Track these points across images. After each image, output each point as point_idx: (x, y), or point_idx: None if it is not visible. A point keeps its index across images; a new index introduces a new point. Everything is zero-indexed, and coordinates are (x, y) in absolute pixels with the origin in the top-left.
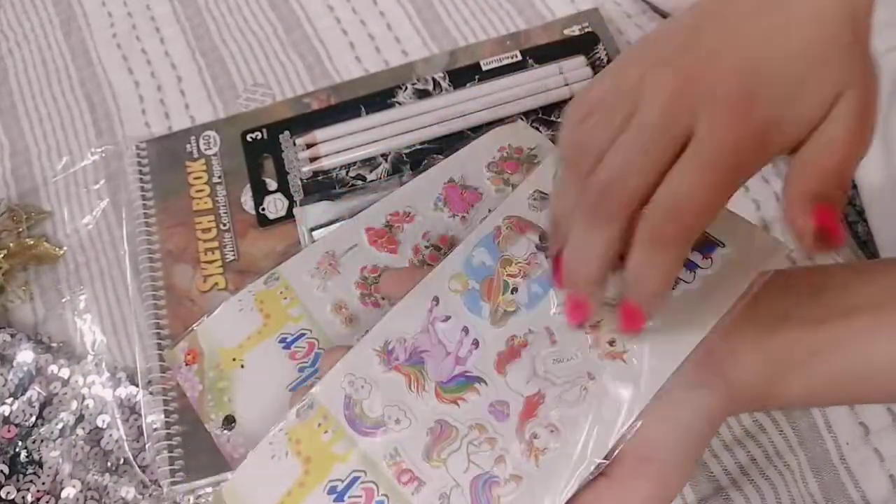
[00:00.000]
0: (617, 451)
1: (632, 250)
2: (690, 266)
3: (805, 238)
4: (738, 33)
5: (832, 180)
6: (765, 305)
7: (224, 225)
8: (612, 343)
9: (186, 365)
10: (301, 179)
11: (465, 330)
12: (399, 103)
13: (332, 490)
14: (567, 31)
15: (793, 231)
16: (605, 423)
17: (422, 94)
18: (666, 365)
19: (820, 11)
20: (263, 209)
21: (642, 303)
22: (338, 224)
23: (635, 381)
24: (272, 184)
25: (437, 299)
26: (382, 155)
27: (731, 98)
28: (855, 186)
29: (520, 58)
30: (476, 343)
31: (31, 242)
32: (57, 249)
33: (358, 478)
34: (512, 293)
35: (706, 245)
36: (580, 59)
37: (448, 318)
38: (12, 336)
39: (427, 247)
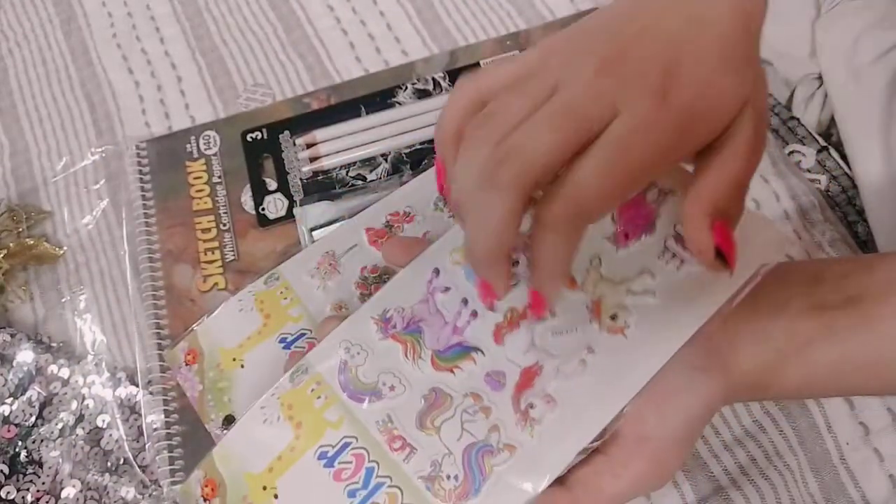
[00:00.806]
0: (613, 429)
1: (535, 228)
2: None
3: (706, 254)
4: (660, 23)
5: (733, 193)
6: (765, 294)
7: (224, 225)
8: (613, 317)
9: (186, 365)
10: (301, 179)
11: (465, 301)
12: (399, 103)
13: (322, 455)
14: None
15: (693, 246)
16: (602, 397)
17: (422, 94)
18: (667, 345)
19: (730, 24)
20: (263, 209)
21: (539, 285)
22: (338, 224)
23: (635, 357)
24: (272, 184)
25: (437, 271)
26: (382, 155)
27: (652, 85)
28: (855, 186)
29: None
30: (475, 314)
31: (31, 242)
32: (57, 249)
33: (349, 444)
34: (513, 266)
35: None
36: None
37: (448, 289)
38: (12, 336)
39: None
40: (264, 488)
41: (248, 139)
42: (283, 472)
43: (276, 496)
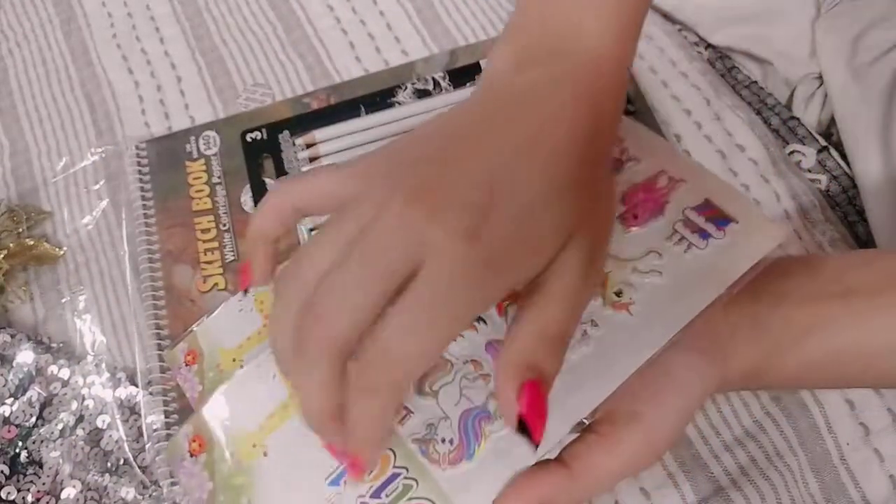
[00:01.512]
0: (605, 406)
1: (350, 393)
2: (704, 235)
3: (508, 420)
4: (482, 147)
5: (549, 347)
6: (765, 285)
7: (224, 225)
8: (618, 294)
9: (186, 365)
10: None
11: None
12: (399, 103)
13: None
14: None
15: (499, 403)
16: (603, 370)
17: (422, 94)
18: (670, 324)
19: (556, 146)
20: None
21: (356, 449)
22: None
23: (638, 333)
24: (272, 184)
25: None
26: None
27: (461, 223)
28: (855, 186)
29: None
30: None
31: (31, 243)
32: (57, 250)
33: None
34: None
35: (721, 219)
36: None
37: None
38: (12, 336)
39: None
40: (254, 446)
41: (248, 139)
42: (274, 429)
43: (265, 454)
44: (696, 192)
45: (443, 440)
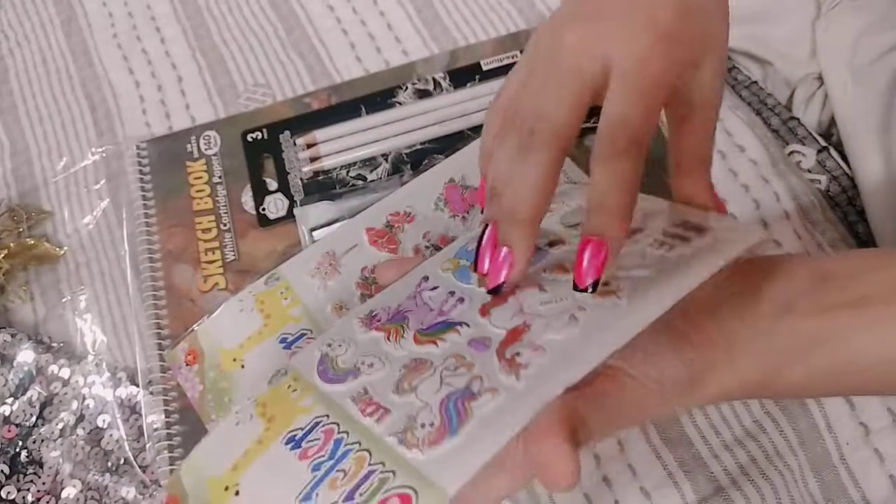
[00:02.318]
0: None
1: (594, 168)
2: (685, 238)
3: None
4: None
5: (707, 147)
6: (766, 296)
7: (224, 225)
8: (606, 284)
9: (187, 365)
10: (301, 179)
11: (452, 293)
12: (399, 103)
13: (290, 440)
14: None
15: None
16: (595, 339)
17: (422, 94)
18: (662, 300)
19: None
20: (264, 209)
21: (605, 223)
22: (338, 224)
23: (630, 309)
24: (272, 184)
25: (426, 278)
26: (383, 155)
27: (639, 26)
28: (855, 186)
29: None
30: (461, 300)
31: (32, 242)
32: (57, 249)
33: (319, 422)
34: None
35: (699, 228)
36: None
37: (436, 287)
38: (13, 336)
39: (427, 247)
40: (226, 488)
41: (249, 139)
42: (248, 467)
43: (237, 493)
44: (670, 216)
45: (422, 425)
